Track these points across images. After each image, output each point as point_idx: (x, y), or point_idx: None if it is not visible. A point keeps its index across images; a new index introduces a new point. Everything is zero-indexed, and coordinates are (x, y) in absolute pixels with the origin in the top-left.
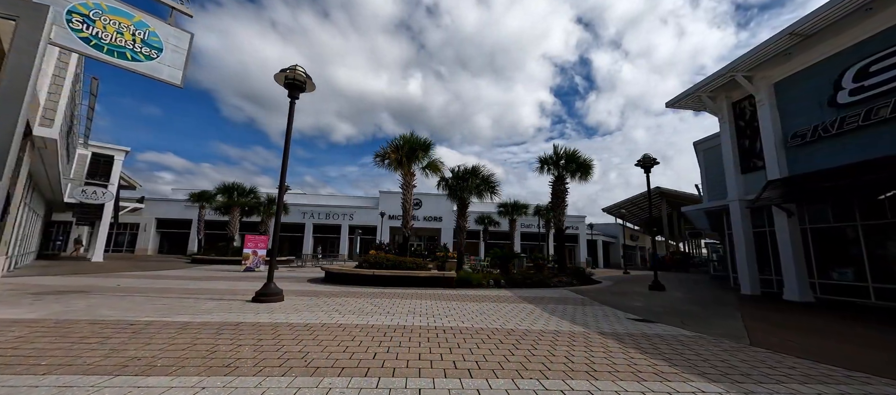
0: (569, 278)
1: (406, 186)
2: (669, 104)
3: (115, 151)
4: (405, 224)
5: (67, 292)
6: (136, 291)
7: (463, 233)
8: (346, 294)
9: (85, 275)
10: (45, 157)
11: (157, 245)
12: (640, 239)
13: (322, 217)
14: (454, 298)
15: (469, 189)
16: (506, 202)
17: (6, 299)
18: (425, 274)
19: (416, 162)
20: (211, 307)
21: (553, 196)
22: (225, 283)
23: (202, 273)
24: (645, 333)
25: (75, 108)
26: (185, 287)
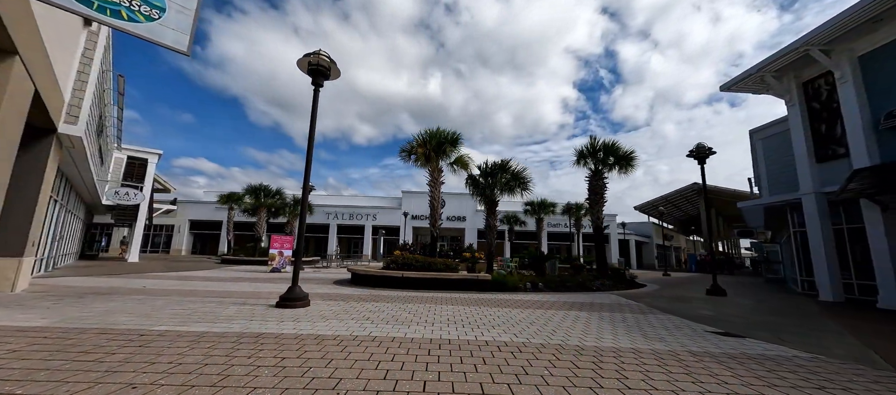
0: (610, 281)
1: (433, 182)
2: (725, 87)
3: (149, 154)
4: (433, 223)
5: (91, 295)
6: (160, 293)
7: (493, 232)
8: (376, 298)
9: (117, 276)
10: (74, 156)
11: (191, 246)
12: (674, 239)
13: (346, 218)
14: (493, 303)
15: (498, 186)
16: (532, 201)
17: (26, 302)
18: (457, 276)
19: (444, 157)
20: (232, 313)
21: (590, 192)
22: (250, 285)
23: (229, 274)
24: (747, 353)
25: (104, 108)
26: (209, 289)
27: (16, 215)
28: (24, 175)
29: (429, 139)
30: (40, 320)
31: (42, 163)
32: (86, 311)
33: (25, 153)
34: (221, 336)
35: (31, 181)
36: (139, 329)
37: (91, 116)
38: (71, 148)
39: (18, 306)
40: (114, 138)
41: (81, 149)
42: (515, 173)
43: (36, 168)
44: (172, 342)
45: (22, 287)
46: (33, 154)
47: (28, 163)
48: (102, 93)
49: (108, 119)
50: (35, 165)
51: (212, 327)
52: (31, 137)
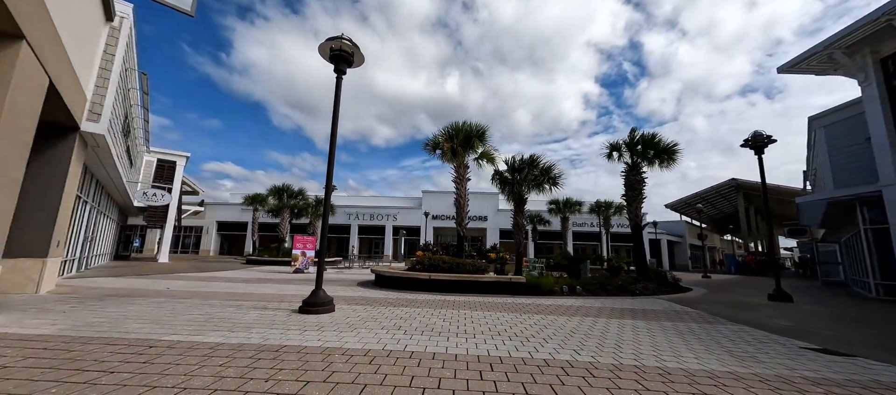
0: (653, 284)
1: (460, 179)
2: (784, 69)
3: (177, 156)
4: (460, 222)
5: (113, 297)
6: (181, 295)
7: (521, 232)
8: (404, 302)
9: (144, 276)
10: (100, 156)
11: (218, 247)
12: (709, 238)
13: (366, 218)
14: (533, 309)
15: (527, 182)
16: (557, 200)
17: (45, 305)
18: (488, 279)
19: (471, 152)
20: (252, 320)
21: (627, 188)
22: (273, 286)
23: (253, 275)
24: (879, 380)
25: (129, 108)
26: (231, 291)
27: (39, 215)
28: (46, 174)
29: (455, 133)
30: (49, 327)
31: (65, 162)
32: (100, 316)
33: (48, 152)
34: (237, 349)
35: (54, 180)
36: (148, 339)
37: (114, 115)
38: (96, 147)
39: (36, 309)
40: (142, 141)
41: (106, 148)
42: (544, 169)
43: (59, 167)
44: (182, 356)
45: (47, 288)
46: (56, 153)
47: (50, 162)
48: (127, 92)
49: (134, 120)
50: (58, 163)
51: (228, 338)
52: (53, 136)
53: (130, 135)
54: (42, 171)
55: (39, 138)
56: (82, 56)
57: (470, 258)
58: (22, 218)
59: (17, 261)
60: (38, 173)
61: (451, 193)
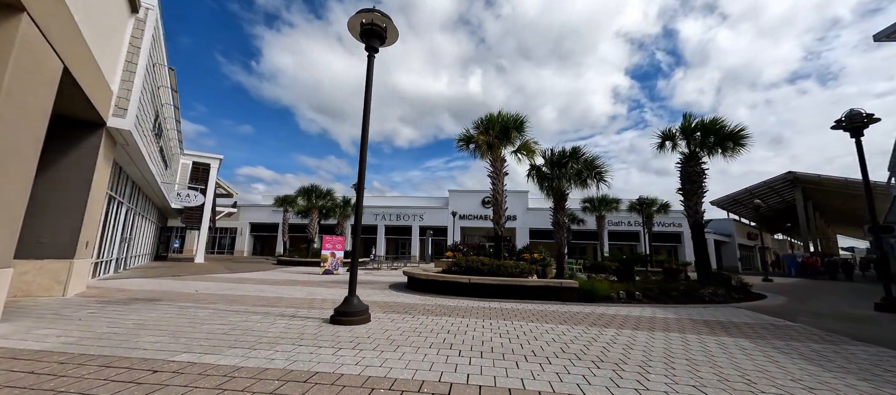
0: (723, 290)
1: (496, 174)
2: (882, 37)
3: (211, 158)
4: (498, 221)
5: (137, 301)
6: (208, 300)
7: (562, 231)
8: (446, 310)
9: (177, 277)
10: (130, 154)
11: (252, 247)
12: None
13: (393, 219)
14: (600, 321)
15: (568, 176)
16: (591, 197)
17: (65, 310)
18: (535, 283)
19: (508, 145)
20: (278, 333)
21: (684, 180)
22: (303, 289)
23: (283, 276)
24: None
25: (160, 108)
26: (260, 295)
27: (65, 215)
28: (71, 172)
29: (491, 124)
30: (53, 340)
31: (91, 159)
32: (115, 325)
33: (73, 149)
34: (257, 378)
35: (80, 179)
36: (155, 361)
37: (142, 112)
38: (125, 145)
39: (53, 315)
40: (176, 142)
41: (135, 146)
42: (588, 162)
43: (85, 165)
44: (189, 386)
45: (76, 291)
46: (82, 150)
47: (76, 159)
48: (156, 90)
49: (166, 121)
50: (84, 161)
51: (248, 359)
52: (78, 132)
53: (163, 135)
54: (67, 169)
55: (63, 135)
56: (105, 48)
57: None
58: (47, 218)
59: (43, 262)
60: (62, 172)
61: (478, 192)
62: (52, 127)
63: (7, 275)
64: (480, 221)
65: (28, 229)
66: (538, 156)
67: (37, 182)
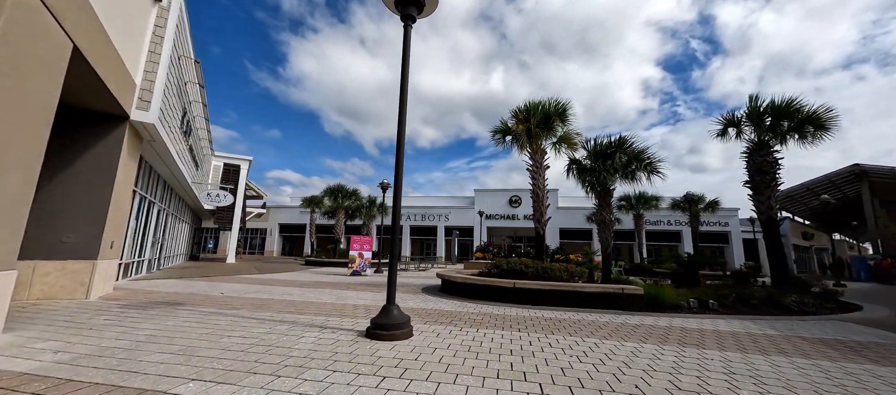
0: (809, 299)
1: (537, 168)
2: None
3: (241, 160)
4: (539, 219)
5: (159, 305)
6: (233, 304)
7: (608, 230)
8: (496, 321)
9: (206, 278)
10: (158, 151)
11: (281, 248)
12: (815, 238)
13: (418, 219)
14: (694, 340)
15: (615, 170)
16: (628, 195)
17: (78, 316)
18: (592, 289)
19: (549, 135)
20: (307, 349)
21: (753, 172)
22: (332, 292)
23: (310, 278)
24: None
25: (188, 105)
26: (287, 299)
27: (88, 214)
28: (94, 169)
29: (531, 113)
30: (47, 357)
31: (114, 155)
32: (125, 337)
33: (95, 144)
34: None
35: (103, 175)
36: (156, 392)
37: (167, 105)
38: (152, 141)
39: (66, 321)
40: (206, 142)
41: (161, 142)
42: (636, 154)
43: (107, 160)
44: None
45: (100, 293)
46: (104, 145)
47: (99, 155)
48: (183, 85)
49: (195, 120)
50: (106, 157)
51: (269, 391)
52: (100, 126)
53: (192, 134)
54: (90, 165)
55: (85, 130)
56: (126, 38)
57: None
58: (69, 217)
59: (65, 263)
60: (85, 168)
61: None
62: (73, 121)
63: (10, 278)
64: (507, 220)
65: (50, 228)
66: (579, 148)
67: (58, 179)
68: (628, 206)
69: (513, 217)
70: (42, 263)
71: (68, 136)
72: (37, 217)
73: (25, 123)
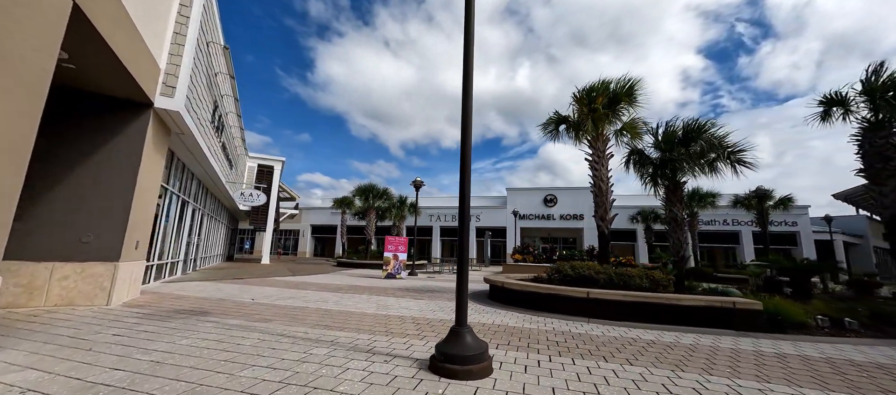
0: None
1: (599, 158)
2: None
3: (274, 161)
4: (604, 217)
5: (181, 315)
6: (262, 315)
7: (681, 229)
8: (587, 343)
9: (239, 280)
10: (188, 145)
11: (313, 248)
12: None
13: (448, 219)
14: (884, 383)
15: (690, 160)
16: None
17: (86, 327)
18: (697, 302)
19: (613, 119)
20: (355, 393)
21: (871, 158)
22: (370, 299)
23: (344, 281)
24: None
25: (219, 99)
26: (323, 307)
27: (109, 211)
28: (115, 161)
29: (594, 94)
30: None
31: (136, 146)
32: (127, 361)
33: (116, 135)
34: None
35: (126, 168)
36: None
37: (195, 94)
38: (180, 134)
39: (70, 337)
40: (240, 141)
41: (190, 134)
42: (717, 141)
43: (130, 152)
44: None
45: (123, 298)
46: (127, 135)
47: (120, 146)
48: (213, 77)
49: (228, 116)
50: (129, 148)
51: None
52: (121, 114)
53: (225, 132)
54: (110, 157)
55: (104, 117)
56: (148, 17)
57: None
58: (89, 214)
59: (85, 265)
60: (105, 160)
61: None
62: (92, 109)
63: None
64: (542, 221)
65: (69, 227)
66: (643, 136)
67: (77, 173)
68: (644, 212)
69: (548, 217)
70: (60, 265)
71: (87, 124)
72: (54, 214)
73: (9, 92)
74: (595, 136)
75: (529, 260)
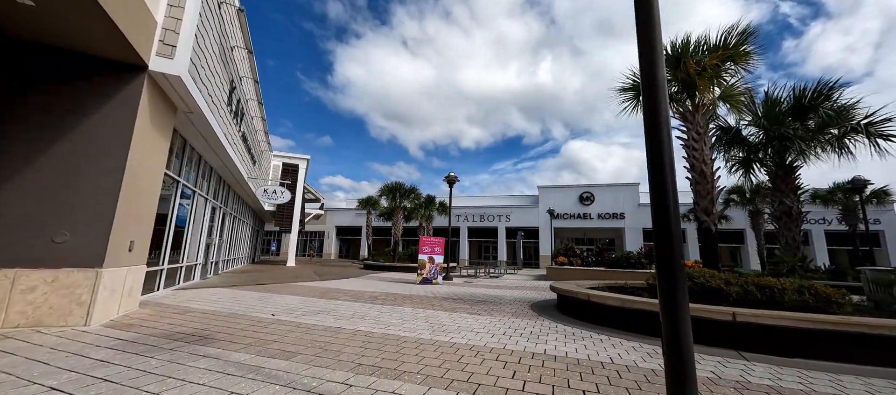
0: None
1: (697, 135)
2: None
3: (299, 159)
4: (708, 211)
5: (176, 342)
6: (281, 344)
7: (797, 226)
8: None
9: (260, 286)
10: (197, 125)
11: (338, 250)
12: None
13: (476, 220)
14: None
15: (806, 137)
16: (741, 186)
17: (30, 369)
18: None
19: (716, 83)
20: None
21: None
22: (414, 312)
23: (377, 287)
24: None
25: (237, 79)
26: (361, 330)
27: (88, 202)
28: (97, 139)
29: (689, 51)
30: None
31: (126, 118)
32: None
33: (98, 104)
34: None
35: (111, 148)
36: None
37: (203, 60)
38: (189, 113)
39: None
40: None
41: (199, 114)
42: (844, 109)
43: (117, 127)
44: None
45: (109, 315)
46: (112, 106)
47: (104, 119)
48: (230, 52)
49: (248, 103)
50: (116, 121)
51: None
52: (105, 78)
53: (245, 121)
54: (90, 134)
55: (83, 83)
56: None
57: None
58: (63, 207)
59: (58, 273)
60: (83, 137)
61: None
62: (65, 70)
63: None
64: (577, 220)
65: (38, 224)
66: (743, 110)
67: (48, 155)
68: (741, 199)
69: (584, 217)
70: (25, 273)
71: (60, 93)
72: (16, 207)
73: None
74: (694, 106)
75: (577, 263)
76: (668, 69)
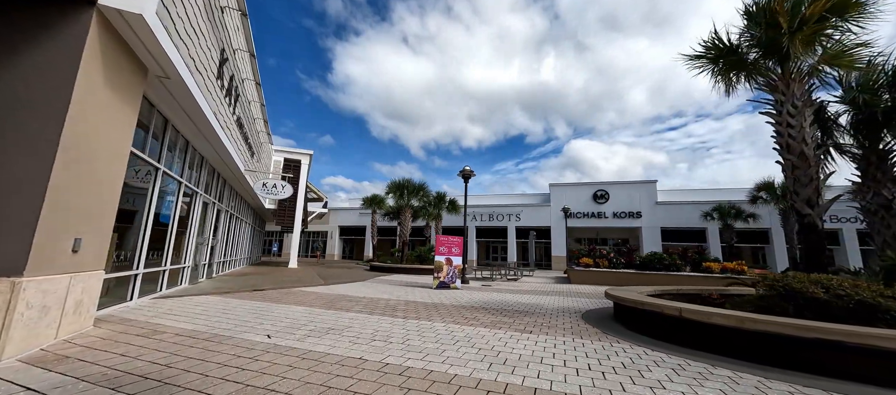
0: None
1: (794, 109)
2: None
3: (302, 154)
4: (811, 201)
5: (140, 383)
6: (274, 387)
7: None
8: None
9: (257, 292)
10: (180, 100)
11: (341, 250)
12: None
13: (485, 219)
14: None
15: None
16: (770, 181)
17: None
18: None
19: (816, 43)
20: None
21: None
22: (454, 333)
23: (391, 292)
24: None
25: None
26: (392, 362)
27: (7, 186)
28: (18, 96)
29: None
30: None
31: (64, 69)
32: None
33: (20, 43)
34: None
35: (39, 108)
36: None
37: (179, 8)
38: (165, 79)
39: None
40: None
41: (177, 78)
42: None
43: (49, 80)
44: None
45: (41, 342)
46: (43, 52)
47: (32, 69)
48: (219, 13)
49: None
50: (48, 73)
51: None
52: (31, 13)
53: (240, 103)
54: (11, 89)
55: None
56: None
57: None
58: None
59: None
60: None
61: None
62: None
63: None
64: (591, 219)
65: None
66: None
67: None
68: (770, 196)
69: (598, 215)
70: None
71: None
72: None
73: None
74: (784, 76)
75: (603, 265)
76: (748, 28)
